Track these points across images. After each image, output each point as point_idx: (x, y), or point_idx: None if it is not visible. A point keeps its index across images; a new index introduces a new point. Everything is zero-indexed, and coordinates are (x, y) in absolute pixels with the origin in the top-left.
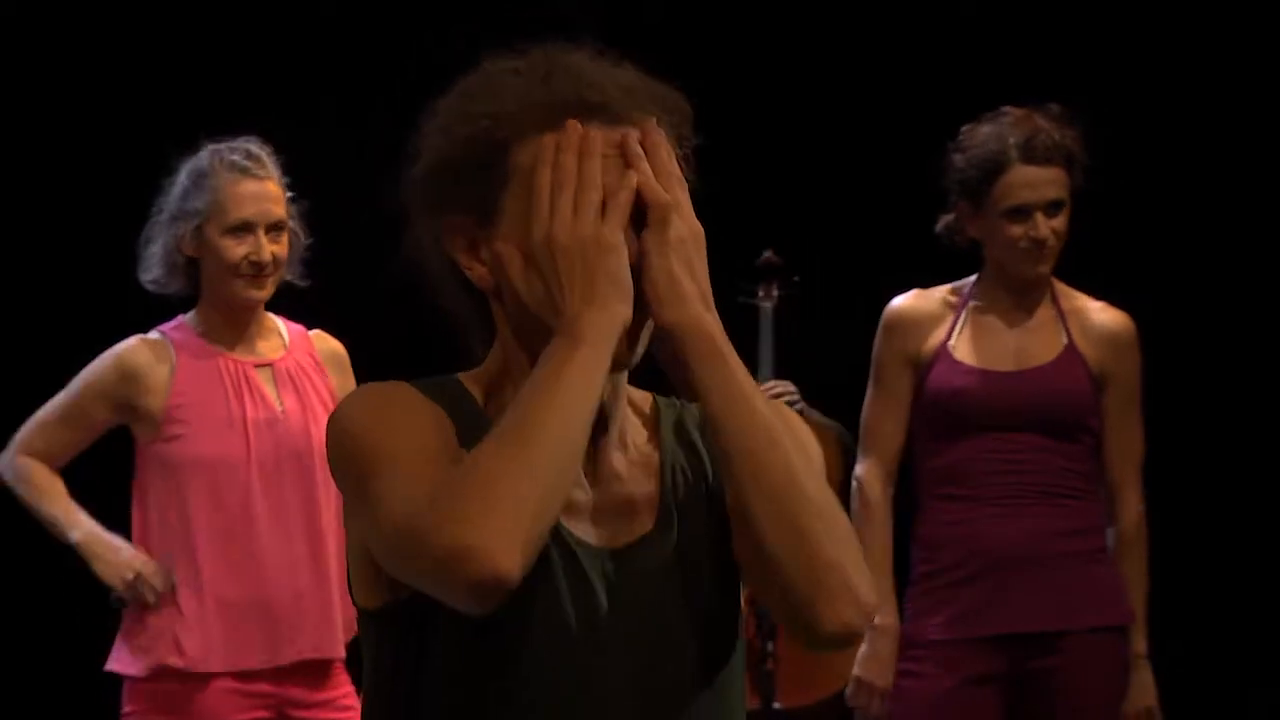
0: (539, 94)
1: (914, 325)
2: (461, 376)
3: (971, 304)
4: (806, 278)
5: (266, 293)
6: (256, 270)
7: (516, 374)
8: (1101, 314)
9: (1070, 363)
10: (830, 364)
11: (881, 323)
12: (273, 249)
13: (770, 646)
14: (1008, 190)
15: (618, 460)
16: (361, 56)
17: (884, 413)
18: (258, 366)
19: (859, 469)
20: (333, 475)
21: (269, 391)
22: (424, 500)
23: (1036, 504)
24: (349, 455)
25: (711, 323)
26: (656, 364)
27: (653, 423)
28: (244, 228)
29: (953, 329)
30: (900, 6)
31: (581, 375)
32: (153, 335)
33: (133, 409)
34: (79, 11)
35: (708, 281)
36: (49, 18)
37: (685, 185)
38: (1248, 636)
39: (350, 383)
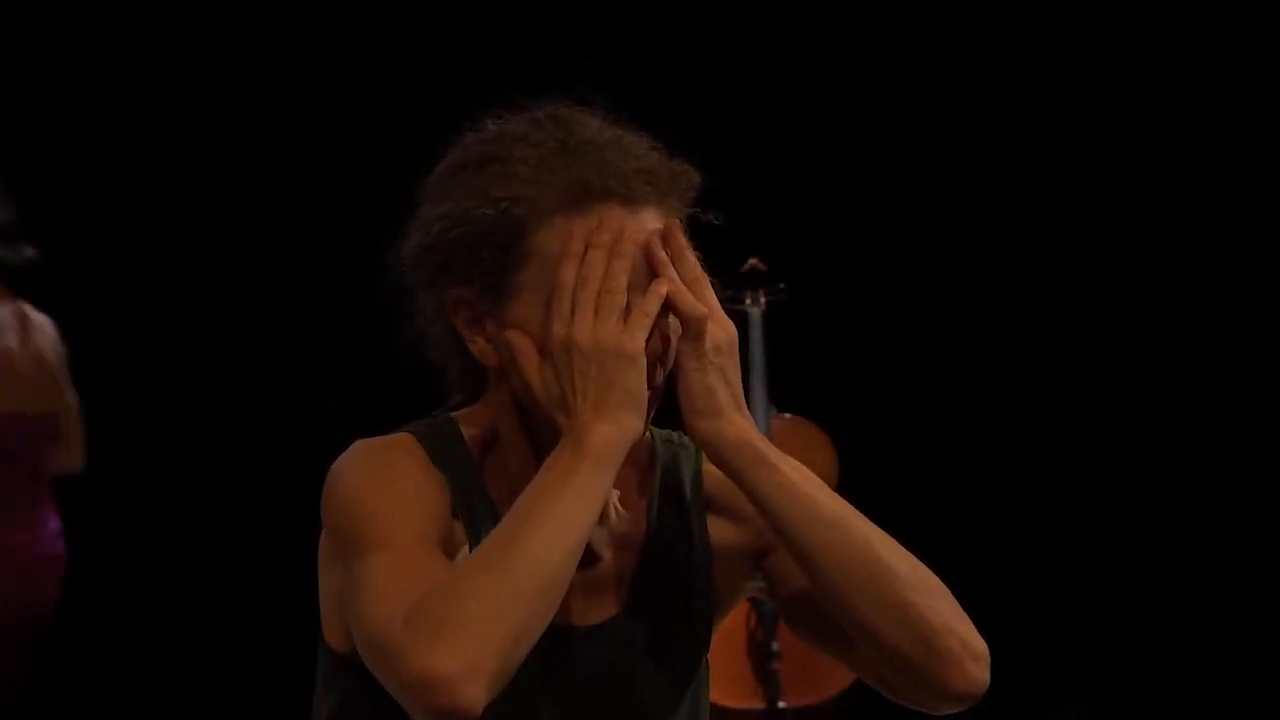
0: (556, 173)
1: None
2: (458, 419)
3: None
4: (791, 284)
5: None
6: None
7: (509, 441)
8: None
9: None
10: (819, 369)
11: None
12: None
13: (775, 645)
14: None
15: (597, 536)
16: (367, 58)
17: None
18: None
19: None
20: (324, 524)
21: None
22: (400, 617)
23: None
24: (344, 526)
25: (746, 428)
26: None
27: (646, 475)
28: None
29: None
30: (886, 14)
31: (580, 496)
32: None
33: None
34: (79, 13)
35: (740, 383)
36: (49, 19)
37: (708, 281)
38: None
39: None
